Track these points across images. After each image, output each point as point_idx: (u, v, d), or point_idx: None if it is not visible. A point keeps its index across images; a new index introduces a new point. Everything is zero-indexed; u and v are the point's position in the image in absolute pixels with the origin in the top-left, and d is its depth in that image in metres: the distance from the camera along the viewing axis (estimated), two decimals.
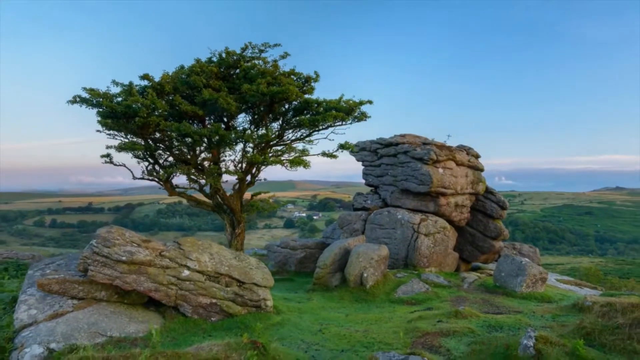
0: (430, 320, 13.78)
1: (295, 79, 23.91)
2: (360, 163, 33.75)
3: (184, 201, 24.32)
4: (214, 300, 13.73)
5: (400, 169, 29.56)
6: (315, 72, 24.35)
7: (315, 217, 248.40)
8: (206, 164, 23.80)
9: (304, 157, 23.42)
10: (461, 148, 32.22)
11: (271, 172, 23.65)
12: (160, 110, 20.56)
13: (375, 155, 32.49)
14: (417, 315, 14.87)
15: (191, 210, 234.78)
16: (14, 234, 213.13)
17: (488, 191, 32.06)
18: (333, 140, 26.72)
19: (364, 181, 34.00)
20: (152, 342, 8.19)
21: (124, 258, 12.48)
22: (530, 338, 9.19)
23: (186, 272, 13.52)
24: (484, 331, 12.13)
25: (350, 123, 23.83)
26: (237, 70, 23.77)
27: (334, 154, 24.44)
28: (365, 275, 20.42)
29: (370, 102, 23.81)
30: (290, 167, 23.20)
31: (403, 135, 32.33)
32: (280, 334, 12.80)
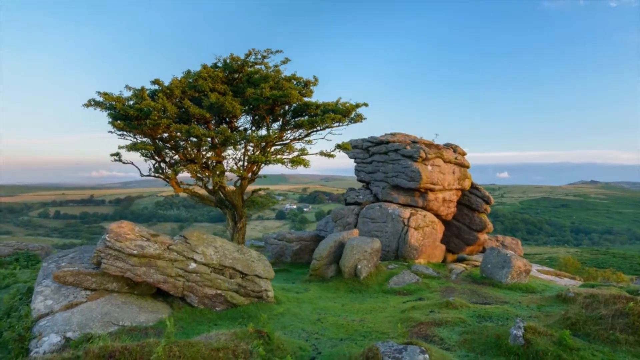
0: (423, 311, 13.90)
1: (295, 83, 24.07)
2: (353, 160, 33.85)
3: (181, 194, 24.37)
4: (218, 291, 13.81)
5: (391, 166, 29.73)
6: (314, 77, 24.57)
7: (305, 209, 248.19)
8: (210, 162, 23.88)
9: (304, 156, 23.53)
10: (448, 146, 32.43)
11: (265, 167, 23.89)
12: (169, 113, 20.65)
13: (367, 152, 32.62)
14: (410, 306, 14.97)
15: (187, 203, 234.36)
16: (20, 225, 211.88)
17: (473, 186, 32.33)
18: (331, 140, 26.89)
19: (352, 175, 34.11)
20: (166, 332, 8.26)
21: (135, 252, 12.55)
22: (519, 328, 9.33)
23: (193, 265, 13.61)
24: (474, 321, 12.23)
25: (347, 124, 23.94)
26: (240, 74, 23.89)
27: (332, 153, 24.57)
28: (359, 267, 20.58)
29: (365, 104, 23.91)
30: (292, 166, 23.32)
31: (393, 134, 32.47)
32: (282, 323, 12.90)
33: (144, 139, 22.44)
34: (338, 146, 24.78)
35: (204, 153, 23.72)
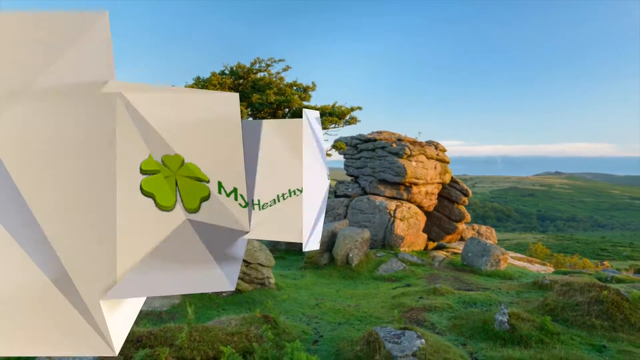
0: (412, 297, 14.06)
1: (295, 89, 24.34)
2: (342, 156, 34.06)
3: None
4: None
5: (378, 162, 29.99)
6: (313, 82, 24.91)
7: None
8: None
9: None
10: (430, 144, 32.72)
11: None
12: None
13: (356, 149, 32.84)
14: (400, 292, 15.13)
15: None
16: None
17: (453, 180, 32.68)
18: (327, 140, 27.14)
19: (336, 166, 34.33)
20: (188, 318, 8.40)
21: None
22: (504, 314, 9.58)
23: None
24: (460, 307, 12.42)
25: (342, 126, 24.20)
26: (245, 81, 24.10)
27: (329, 152, 24.89)
28: (351, 255, 20.80)
29: (359, 108, 24.16)
30: None
31: (380, 132, 32.72)
32: (283, 308, 13.01)
33: None
34: (334, 146, 25.13)
35: None
